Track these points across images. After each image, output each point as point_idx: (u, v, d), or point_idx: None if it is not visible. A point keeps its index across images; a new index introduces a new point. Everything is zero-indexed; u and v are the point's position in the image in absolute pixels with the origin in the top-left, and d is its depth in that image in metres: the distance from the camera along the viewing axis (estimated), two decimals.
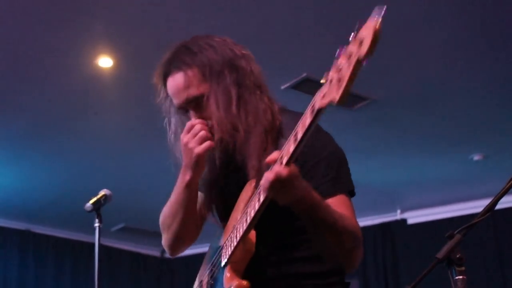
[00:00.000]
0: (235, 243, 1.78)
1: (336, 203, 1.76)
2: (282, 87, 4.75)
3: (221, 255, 1.90)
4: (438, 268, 1.51)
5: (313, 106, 1.49)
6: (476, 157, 6.18)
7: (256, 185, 1.76)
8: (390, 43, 4.22)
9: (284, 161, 1.57)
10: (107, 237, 7.77)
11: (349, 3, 3.89)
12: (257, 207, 1.68)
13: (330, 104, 1.42)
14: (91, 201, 2.67)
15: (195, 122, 1.88)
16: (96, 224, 2.70)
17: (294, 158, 1.56)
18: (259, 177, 1.72)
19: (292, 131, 1.56)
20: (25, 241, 7.79)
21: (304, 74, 4.63)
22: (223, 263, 1.85)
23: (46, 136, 5.61)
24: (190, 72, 1.90)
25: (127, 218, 7.61)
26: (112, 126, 5.51)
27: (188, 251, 2.25)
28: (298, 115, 1.55)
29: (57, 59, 4.46)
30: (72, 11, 3.93)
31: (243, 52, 1.96)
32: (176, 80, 1.92)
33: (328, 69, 1.45)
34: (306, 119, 1.51)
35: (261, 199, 1.66)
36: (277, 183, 1.57)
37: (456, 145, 5.98)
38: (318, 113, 1.47)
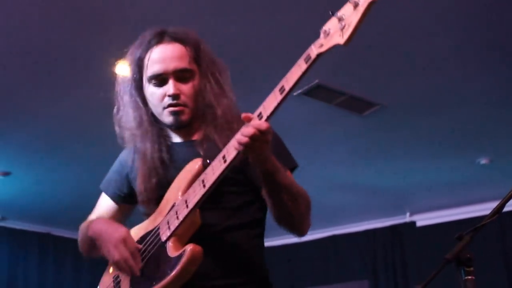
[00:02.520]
0: (185, 214, 1.82)
1: None
2: (294, 94, 4.67)
3: (157, 234, 1.93)
4: (447, 269, 1.56)
5: (308, 55, 1.56)
6: (483, 161, 6.19)
7: (204, 163, 1.85)
8: (399, 50, 4.25)
9: (265, 116, 1.65)
10: None
11: None
12: (221, 168, 1.73)
13: (333, 48, 1.49)
14: None
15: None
16: None
17: (274, 114, 1.64)
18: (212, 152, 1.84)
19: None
20: (45, 244, 7.78)
21: (316, 81, 4.60)
22: (164, 238, 1.89)
23: (66, 141, 5.59)
24: (185, 48, 2.02)
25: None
26: None
27: None
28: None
29: (76, 66, 4.43)
30: (93, 21, 3.95)
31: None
32: (170, 49, 2.02)
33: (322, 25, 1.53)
34: (298, 69, 1.58)
35: (229, 159, 1.71)
36: (257, 136, 1.64)
37: (463, 149, 5.98)
38: (316, 60, 1.54)
